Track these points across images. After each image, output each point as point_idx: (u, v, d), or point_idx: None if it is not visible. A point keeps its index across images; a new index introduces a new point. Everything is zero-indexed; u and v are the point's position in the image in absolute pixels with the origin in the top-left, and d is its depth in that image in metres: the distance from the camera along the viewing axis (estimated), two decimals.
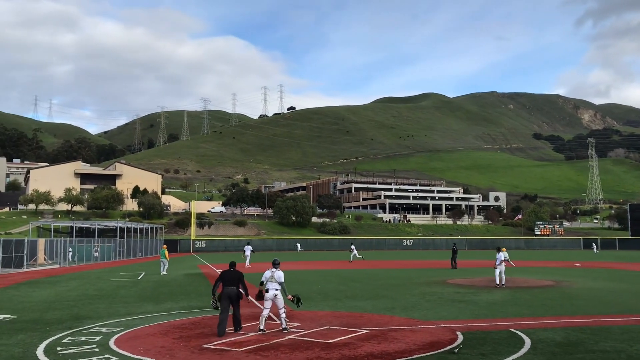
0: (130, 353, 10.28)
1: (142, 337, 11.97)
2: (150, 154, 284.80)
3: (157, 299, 19.45)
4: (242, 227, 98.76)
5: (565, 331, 12.42)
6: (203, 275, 31.27)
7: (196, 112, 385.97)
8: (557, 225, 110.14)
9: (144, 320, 14.55)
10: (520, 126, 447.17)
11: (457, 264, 36.15)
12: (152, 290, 22.93)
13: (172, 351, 10.42)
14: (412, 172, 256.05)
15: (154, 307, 17.22)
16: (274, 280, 12.65)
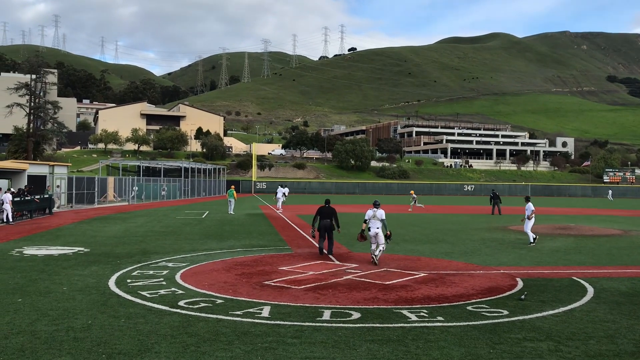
0: (196, 287, 10.77)
1: (207, 273, 12.49)
2: (212, 95, 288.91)
3: (220, 237, 20.15)
4: (302, 169, 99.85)
5: (632, 281, 12.06)
6: (264, 216, 32.05)
7: (256, 54, 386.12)
8: (628, 173, 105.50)
9: (208, 256, 15.14)
10: (593, 68, 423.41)
11: (501, 210, 35.31)
12: (216, 228, 23.74)
13: (234, 286, 10.84)
14: (476, 116, 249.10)
15: (217, 245, 17.86)
16: (377, 219, 13.99)
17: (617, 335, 7.67)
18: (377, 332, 7.70)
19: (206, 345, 6.95)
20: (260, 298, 9.80)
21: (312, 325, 7.97)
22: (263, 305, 9.25)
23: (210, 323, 8.06)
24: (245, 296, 9.95)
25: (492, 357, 6.63)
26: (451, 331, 7.79)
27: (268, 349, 6.85)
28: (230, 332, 7.59)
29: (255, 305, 9.19)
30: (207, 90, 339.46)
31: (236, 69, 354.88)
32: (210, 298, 9.79)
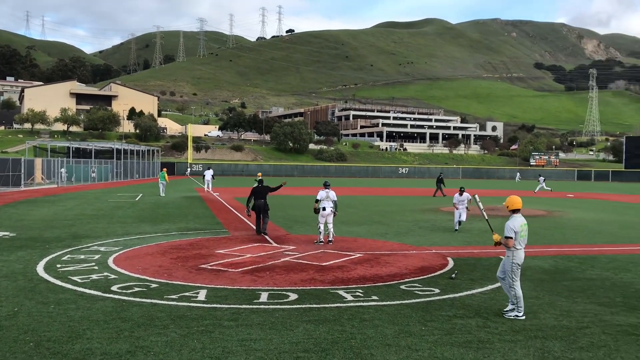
0: (129, 271, 10.54)
1: (141, 257, 12.24)
2: (145, 75, 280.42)
3: (154, 220, 19.75)
4: (239, 152, 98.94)
5: (554, 259, 12.74)
6: (200, 198, 31.62)
7: (192, 33, 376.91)
8: (552, 156, 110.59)
9: (142, 240, 14.82)
10: (522, 55, 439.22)
11: (444, 192, 36.37)
12: (150, 211, 23.24)
13: (170, 270, 10.68)
14: (411, 100, 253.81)
15: (152, 228, 17.51)
16: (329, 199, 14.42)
17: (539, 311, 8.11)
18: (313, 312, 7.81)
19: (140, 330, 6.85)
20: (196, 282, 9.71)
21: (249, 308, 7.99)
22: (199, 288, 9.18)
23: (144, 308, 7.93)
24: (181, 280, 9.84)
25: (424, 334, 6.87)
26: (385, 310, 8.01)
27: (204, 332, 6.82)
28: (166, 316, 7.50)
29: (191, 289, 9.11)
30: (141, 69, 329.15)
31: (171, 48, 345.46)
32: (144, 282, 9.62)
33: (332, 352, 6.16)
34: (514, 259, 7.77)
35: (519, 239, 7.69)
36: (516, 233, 7.63)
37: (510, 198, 7.91)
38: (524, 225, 7.76)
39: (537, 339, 6.75)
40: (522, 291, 7.84)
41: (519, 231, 7.65)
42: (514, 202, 7.86)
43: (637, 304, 8.64)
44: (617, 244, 15.65)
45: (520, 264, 7.78)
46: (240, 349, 6.20)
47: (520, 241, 7.73)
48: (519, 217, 7.78)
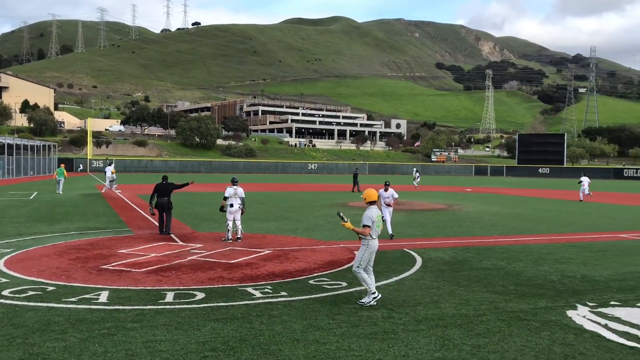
0: (23, 274, 9.90)
1: (36, 258, 11.54)
2: (40, 65, 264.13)
3: (51, 220, 18.68)
4: (143, 147, 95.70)
5: (453, 251, 13.37)
6: (101, 196, 30.26)
7: (92, 23, 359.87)
8: (452, 153, 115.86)
9: (37, 241, 13.98)
10: (424, 55, 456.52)
11: (359, 188, 37.36)
12: (46, 210, 21.95)
13: (68, 272, 10.15)
14: (320, 97, 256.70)
15: (48, 228, 16.55)
16: (237, 196, 14.17)
17: (440, 300, 8.49)
18: (221, 311, 7.71)
19: (35, 336, 6.46)
20: (97, 283, 9.30)
21: (154, 309, 7.76)
22: (100, 290, 8.80)
23: (40, 312, 7.49)
24: (81, 282, 9.38)
25: (332, 328, 6.98)
26: (294, 305, 8.06)
27: (106, 335, 6.55)
28: (64, 320, 7.12)
29: (92, 291, 8.71)
30: (35, 59, 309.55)
31: (68, 37, 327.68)
32: (40, 285, 9.07)
33: (241, 349, 6.12)
34: (369, 248, 8.23)
35: (374, 229, 8.20)
36: (373, 222, 8.17)
37: (366, 191, 8.49)
38: (378, 217, 8.30)
39: (438, 328, 7.06)
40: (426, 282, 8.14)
41: (375, 221, 8.19)
42: (370, 194, 8.45)
43: (527, 291, 9.26)
44: (511, 235, 16.67)
45: (374, 252, 8.29)
46: (145, 351, 6.01)
47: (374, 231, 8.22)
48: (375, 209, 8.30)
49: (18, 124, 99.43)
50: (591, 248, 14.15)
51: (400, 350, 6.20)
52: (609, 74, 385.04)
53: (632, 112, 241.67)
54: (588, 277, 10.43)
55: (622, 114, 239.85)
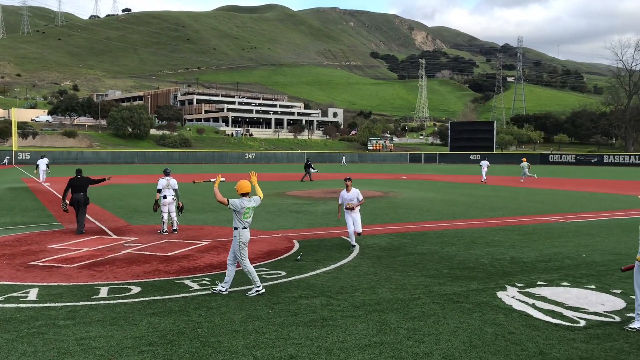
0: None
1: None
2: None
3: None
4: (72, 138, 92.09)
5: (390, 237, 13.65)
6: (28, 190, 28.95)
7: (13, 7, 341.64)
8: (387, 141, 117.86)
9: None
10: (359, 44, 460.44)
11: (311, 177, 37.51)
12: None
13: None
14: (256, 86, 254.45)
15: None
16: (170, 187, 13.89)
17: (377, 286, 8.67)
18: (158, 304, 7.58)
19: None
20: (25, 280, 8.92)
21: (88, 305, 7.54)
22: (29, 287, 8.45)
23: None
24: (7, 279, 8.97)
25: (271, 317, 7.00)
26: (232, 296, 8.02)
27: (36, 334, 6.31)
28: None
29: (20, 289, 8.36)
30: None
31: None
32: None
33: (179, 343, 6.05)
34: (241, 239, 8.32)
35: (242, 220, 8.30)
36: (239, 210, 8.26)
37: (239, 183, 8.50)
38: (249, 208, 8.40)
39: (376, 313, 7.22)
40: (363, 268, 8.29)
41: (243, 212, 8.28)
42: (243, 186, 8.46)
43: (460, 274, 9.59)
44: (444, 220, 17.18)
45: (246, 242, 8.36)
46: (78, 349, 5.84)
47: (244, 222, 8.35)
48: (246, 200, 8.40)
49: None
50: (519, 231, 14.79)
51: (339, 336, 6.30)
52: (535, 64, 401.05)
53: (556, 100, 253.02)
54: (516, 259, 10.91)
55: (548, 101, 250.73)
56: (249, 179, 8.71)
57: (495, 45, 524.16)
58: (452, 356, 5.73)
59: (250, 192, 8.46)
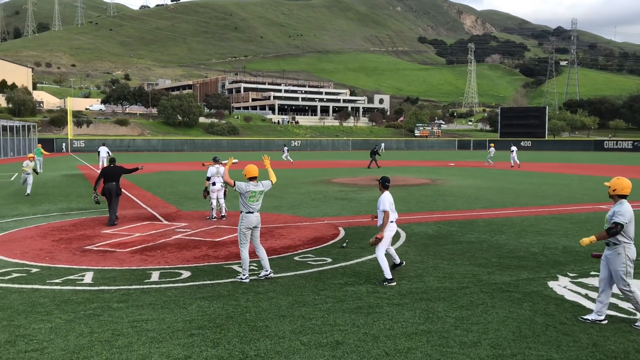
0: (6, 257, 9.83)
1: (19, 240, 11.45)
2: (17, 44, 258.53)
3: (32, 201, 18.49)
4: (124, 126, 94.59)
5: (437, 225, 13.50)
6: (83, 176, 29.98)
7: (68, 0, 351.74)
8: (435, 127, 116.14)
9: (19, 223, 13.85)
10: (406, 29, 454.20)
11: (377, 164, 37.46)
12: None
13: (52, 253, 10.09)
14: (302, 73, 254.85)
15: (30, 209, 16.39)
16: (219, 175, 14.02)
17: (424, 274, 8.59)
18: (207, 289, 7.74)
19: (21, 318, 6.44)
20: (81, 264, 9.27)
21: (140, 288, 7.77)
22: (85, 271, 8.77)
23: (24, 294, 7.46)
24: (65, 263, 9.34)
25: (317, 303, 7.05)
26: (279, 282, 8.11)
27: (92, 315, 6.55)
28: (49, 301, 7.11)
29: (77, 272, 8.69)
30: (11, 38, 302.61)
31: (45, 15, 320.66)
32: (23, 267, 9.02)
33: (227, 327, 6.17)
34: (242, 223, 8.34)
35: (247, 203, 8.29)
36: (245, 194, 8.26)
37: (247, 167, 8.51)
38: (254, 192, 8.33)
39: (422, 301, 7.16)
40: (410, 256, 8.24)
41: (248, 196, 8.26)
42: (250, 170, 8.45)
43: (509, 263, 9.41)
44: (493, 208, 16.85)
45: (249, 227, 8.32)
46: (131, 331, 6.03)
47: (249, 206, 8.30)
48: (252, 185, 8.37)
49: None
50: (572, 219, 14.37)
51: (385, 323, 6.29)
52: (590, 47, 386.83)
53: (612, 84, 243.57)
54: (569, 248, 10.61)
55: (603, 86, 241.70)
56: (263, 162, 8.77)
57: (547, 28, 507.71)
58: (501, 346, 5.64)
59: (258, 177, 8.46)
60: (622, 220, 6.20)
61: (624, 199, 6.43)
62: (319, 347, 5.59)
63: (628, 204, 6.37)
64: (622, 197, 6.44)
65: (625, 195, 6.45)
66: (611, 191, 6.54)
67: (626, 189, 6.45)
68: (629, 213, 6.27)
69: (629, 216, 6.26)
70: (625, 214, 6.23)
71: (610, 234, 6.28)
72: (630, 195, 6.53)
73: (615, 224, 6.23)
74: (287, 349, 5.54)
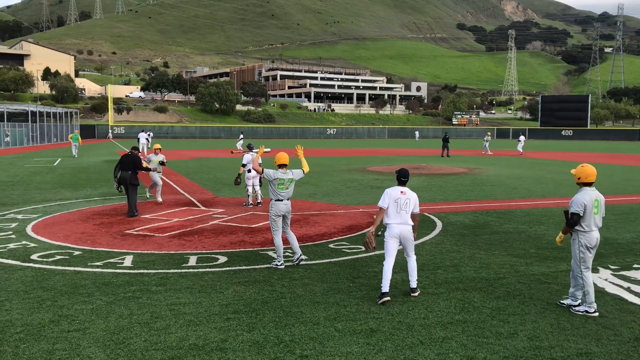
0: (50, 239, 10.14)
1: (62, 224, 11.79)
2: (60, 32, 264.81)
3: (75, 186, 19.00)
4: (163, 113, 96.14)
5: (474, 215, 13.32)
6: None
7: None
8: (473, 116, 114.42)
9: (62, 207, 14.25)
10: (445, 15, 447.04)
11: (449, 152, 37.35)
12: (70, 176, 22.31)
13: (93, 237, 10.36)
14: (338, 61, 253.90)
15: (72, 194, 16.84)
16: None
17: (460, 264, 8.50)
18: (243, 274, 7.83)
19: (64, 299, 6.65)
20: (121, 248, 9.49)
21: (178, 272, 7.91)
22: (125, 254, 8.98)
23: (67, 276, 7.69)
24: (105, 246, 9.58)
25: (352, 290, 7.06)
26: (314, 268, 8.15)
27: (132, 298, 6.71)
28: (90, 283, 7.31)
29: (117, 255, 8.90)
30: (54, 26, 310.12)
31: (86, 3, 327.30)
32: (66, 250, 9.29)
33: (263, 312, 6.24)
34: (272, 210, 8.25)
35: (276, 191, 8.18)
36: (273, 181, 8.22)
37: (278, 154, 8.34)
38: (283, 179, 8.22)
39: (459, 291, 7.10)
40: (446, 245, 8.15)
41: (276, 183, 8.19)
42: (280, 158, 8.28)
43: (548, 254, 9.22)
44: (532, 198, 16.54)
45: (279, 214, 8.25)
46: (169, 314, 6.16)
47: (278, 193, 8.22)
48: (280, 172, 8.26)
49: (40, 91, 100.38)
50: (614, 211, 13.98)
51: (420, 312, 6.26)
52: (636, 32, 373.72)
53: None
54: (611, 240, 10.35)
55: None
56: (296, 152, 8.74)
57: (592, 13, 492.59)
58: (539, 337, 5.55)
59: (288, 165, 8.40)
60: (577, 209, 6.27)
61: (587, 187, 6.44)
62: (354, 334, 5.60)
63: (589, 192, 6.37)
64: (588, 185, 6.45)
65: (590, 182, 6.45)
66: (576, 179, 6.55)
67: (590, 177, 6.46)
68: (586, 201, 6.28)
69: (587, 204, 6.27)
70: (580, 203, 6.27)
71: (570, 226, 6.35)
72: None
73: (571, 215, 6.32)
74: (321, 335, 5.57)
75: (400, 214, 6.86)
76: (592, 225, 6.35)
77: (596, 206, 6.38)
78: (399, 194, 6.97)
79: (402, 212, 6.87)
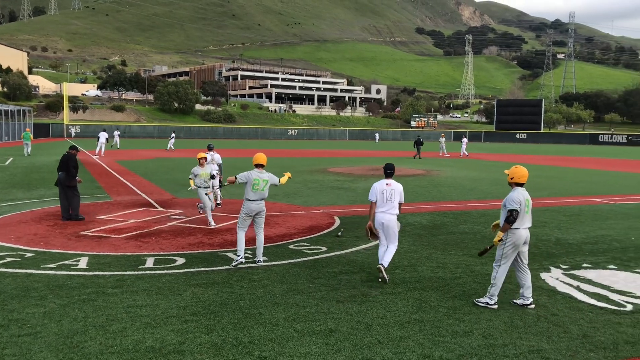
0: (0, 241, 9.82)
1: (13, 225, 11.43)
2: (12, 28, 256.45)
3: (27, 186, 18.44)
4: (120, 112, 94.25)
5: (431, 215, 13.55)
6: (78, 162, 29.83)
7: None
8: (431, 119, 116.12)
9: (14, 207, 13.82)
10: (404, 20, 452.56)
11: (420, 154, 37.98)
12: (22, 176, 21.64)
13: (46, 238, 10.09)
14: (299, 62, 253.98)
15: (25, 194, 16.35)
16: (214, 162, 14.14)
17: (418, 264, 8.64)
18: (202, 276, 7.76)
19: (14, 302, 6.45)
20: (76, 249, 9.27)
21: (134, 274, 7.78)
22: (80, 256, 8.78)
23: (18, 278, 7.47)
24: (60, 248, 9.34)
25: (311, 291, 7.09)
26: (274, 270, 8.14)
27: (87, 300, 6.57)
28: (43, 286, 7.12)
29: (71, 257, 8.69)
30: (6, 21, 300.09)
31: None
32: (17, 252, 9.02)
33: (221, 313, 6.20)
34: (243, 209, 8.58)
35: (250, 191, 8.52)
36: (248, 182, 8.54)
37: (256, 155, 8.78)
38: (258, 180, 8.54)
39: (416, 290, 7.21)
40: (404, 246, 8.27)
41: (252, 183, 8.52)
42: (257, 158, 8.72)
43: None
44: (487, 199, 16.91)
45: (250, 215, 8.56)
46: (125, 316, 6.06)
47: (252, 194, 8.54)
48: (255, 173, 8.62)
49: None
50: (565, 212, 14.44)
51: (379, 312, 6.33)
52: (587, 40, 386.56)
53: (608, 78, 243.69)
54: (562, 241, 10.68)
55: (599, 79, 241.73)
56: (285, 175, 9.18)
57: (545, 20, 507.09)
58: (493, 336, 5.70)
59: (265, 165, 8.70)
60: (516, 206, 6.54)
61: (519, 187, 6.76)
62: (312, 334, 5.63)
63: (521, 191, 6.69)
64: (520, 185, 6.78)
65: (522, 183, 6.78)
66: (509, 179, 6.88)
67: (523, 178, 6.80)
68: (520, 199, 6.59)
69: (520, 202, 6.58)
70: (517, 200, 6.57)
71: (510, 222, 6.57)
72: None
73: (510, 212, 6.55)
74: (280, 336, 5.58)
75: (386, 204, 7.67)
76: (522, 223, 6.59)
77: (527, 205, 6.65)
78: (385, 186, 7.69)
79: (387, 203, 7.67)
